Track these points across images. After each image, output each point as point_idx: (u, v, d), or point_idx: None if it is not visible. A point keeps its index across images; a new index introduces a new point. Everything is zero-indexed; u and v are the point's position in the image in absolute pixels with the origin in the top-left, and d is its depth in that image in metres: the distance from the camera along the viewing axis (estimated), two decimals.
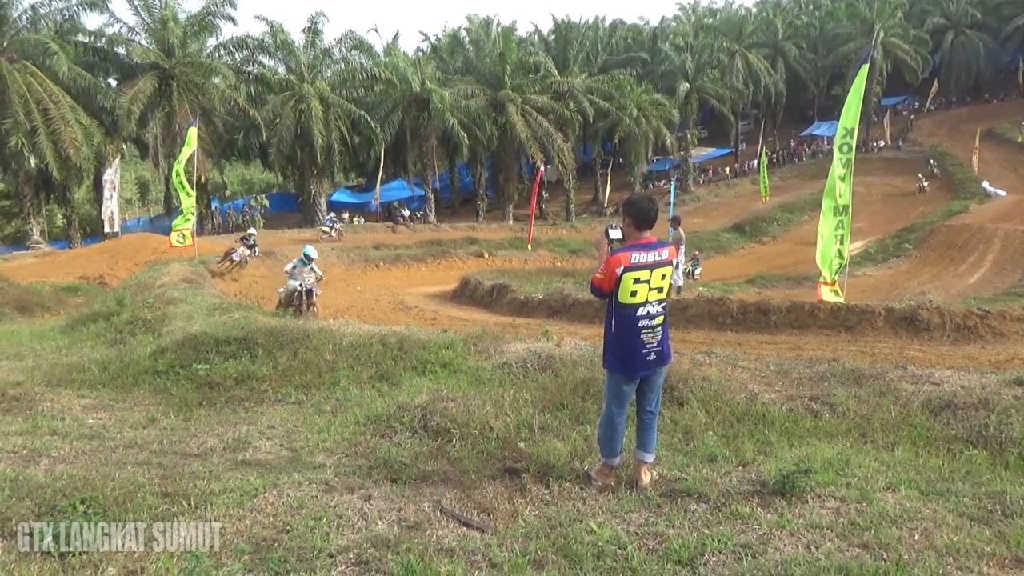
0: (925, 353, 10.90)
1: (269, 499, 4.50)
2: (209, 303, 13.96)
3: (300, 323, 9.99)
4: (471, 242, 35.06)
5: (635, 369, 4.60)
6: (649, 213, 4.57)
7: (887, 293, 19.95)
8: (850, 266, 17.54)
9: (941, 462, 5.06)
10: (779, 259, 32.33)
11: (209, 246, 27.36)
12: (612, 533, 4.00)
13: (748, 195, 50.27)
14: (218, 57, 37.97)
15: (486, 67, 45.08)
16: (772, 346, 11.95)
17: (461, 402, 6.15)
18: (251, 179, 65.09)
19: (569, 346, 8.56)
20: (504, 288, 19.56)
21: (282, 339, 8.94)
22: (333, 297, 21.77)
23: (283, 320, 10.45)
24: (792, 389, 6.66)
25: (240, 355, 8.64)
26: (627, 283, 4.46)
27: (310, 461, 5.39)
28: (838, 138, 13.69)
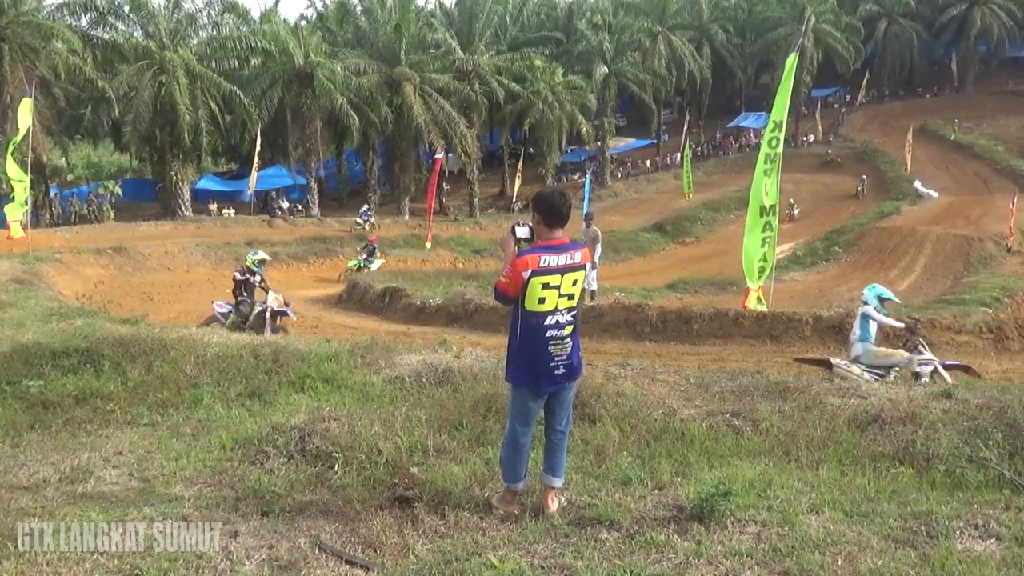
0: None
1: (114, 538, 4.33)
2: (45, 308, 13.34)
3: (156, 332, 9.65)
4: (361, 239, 34.66)
5: (542, 384, 4.65)
6: (561, 209, 4.61)
7: (815, 300, 20.84)
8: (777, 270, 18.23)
9: (867, 481, 5.31)
10: (703, 262, 33.27)
11: (46, 240, 26.13)
12: (515, 567, 4.02)
13: (670, 191, 51.56)
14: (60, 18, 36.33)
15: (380, 40, 44.73)
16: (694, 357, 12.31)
17: (345, 422, 6.08)
18: (100, 162, 62.50)
19: (470, 358, 8.58)
20: (398, 292, 19.46)
21: (133, 350, 8.63)
22: (197, 301, 21.14)
23: (134, 327, 10.08)
24: (713, 404, 6.87)
25: (82, 369, 8.29)
26: (534, 288, 4.50)
27: (165, 493, 5.21)
28: (767, 132, 14.20)
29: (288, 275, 28.77)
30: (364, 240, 31.03)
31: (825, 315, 13.52)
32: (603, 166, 55.37)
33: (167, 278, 25.24)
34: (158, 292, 22.50)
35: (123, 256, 25.62)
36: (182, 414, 7.20)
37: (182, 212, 38.56)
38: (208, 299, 21.79)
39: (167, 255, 27.66)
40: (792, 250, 33.72)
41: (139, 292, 22.26)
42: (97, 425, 7.02)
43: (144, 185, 47.94)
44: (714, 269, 29.29)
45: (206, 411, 7.24)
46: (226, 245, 30.62)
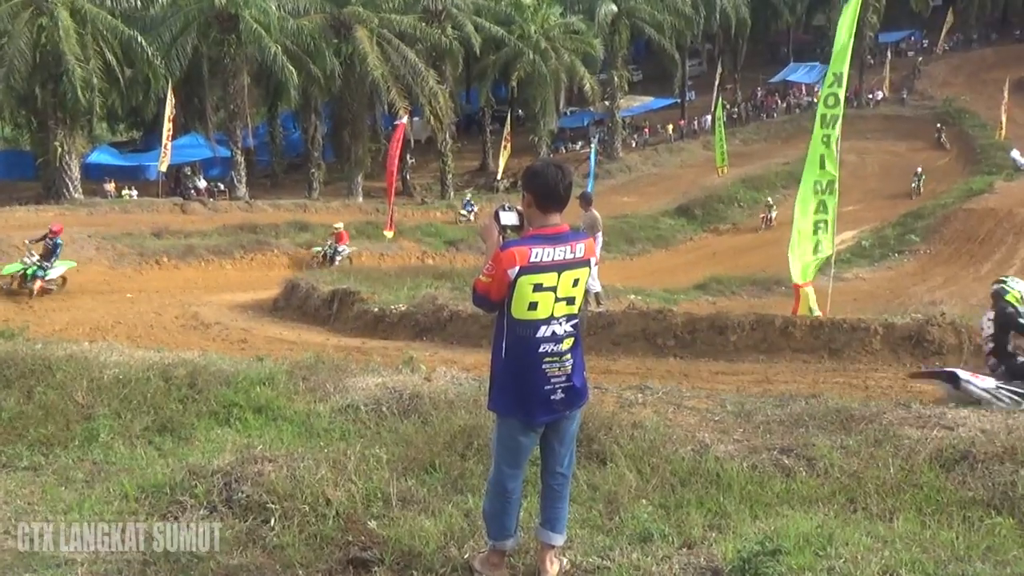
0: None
1: None
2: None
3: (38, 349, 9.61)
4: (301, 228, 34.64)
5: (534, 412, 4.63)
6: (558, 188, 4.59)
7: (886, 303, 20.90)
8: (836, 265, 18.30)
9: (955, 535, 5.32)
10: (741, 255, 33.34)
11: None
12: None
13: (699, 165, 51.70)
14: None
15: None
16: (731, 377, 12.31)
17: (284, 464, 6.05)
18: None
19: (443, 380, 8.57)
20: (349, 296, 19.43)
21: (8, 372, 8.58)
22: (91, 309, 21.07)
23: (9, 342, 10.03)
24: (757, 438, 6.87)
25: None
26: (524, 290, 4.49)
27: (52, 556, 5.18)
28: (824, 87, 14.26)
29: (207, 274, 28.71)
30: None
31: (899, 323, 13.51)
32: (613, 132, 55.52)
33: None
34: (39, 297, 22.36)
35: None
36: (72, 454, 7.14)
37: (70, 194, 38.30)
38: (104, 304, 21.81)
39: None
40: (856, 239, 33.87)
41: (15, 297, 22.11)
42: None
43: (20, 159, 47.73)
44: (755, 264, 29.36)
45: (103, 450, 7.18)
46: (127, 236, 30.50)
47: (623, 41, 54.46)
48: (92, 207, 36.36)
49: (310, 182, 46.49)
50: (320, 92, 44.81)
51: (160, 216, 35.42)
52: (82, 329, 17.75)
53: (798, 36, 70.68)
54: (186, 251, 30.07)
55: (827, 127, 13.83)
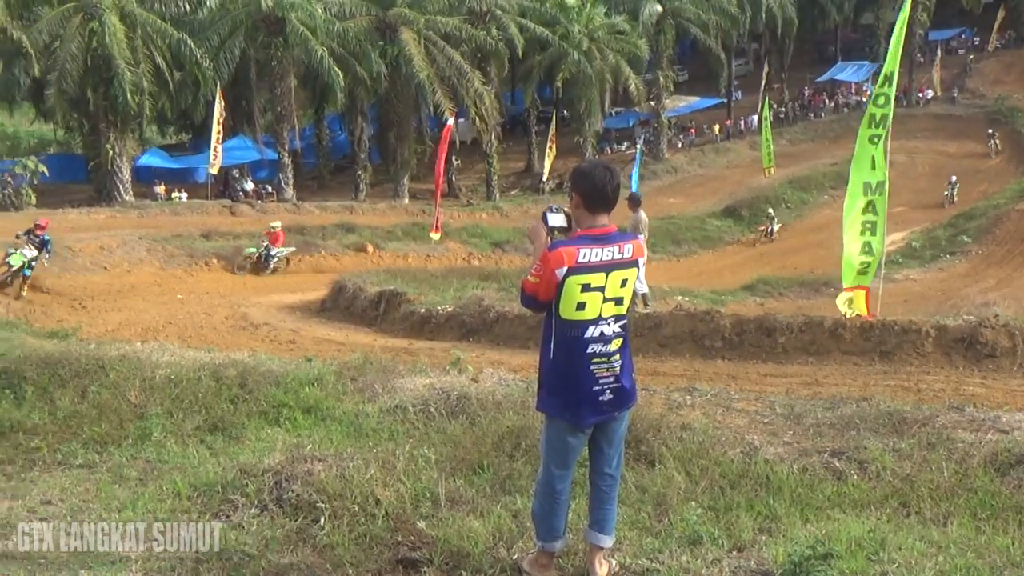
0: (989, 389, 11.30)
1: None
2: None
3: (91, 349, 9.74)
4: (348, 229, 34.81)
5: (583, 414, 4.63)
6: (606, 189, 4.60)
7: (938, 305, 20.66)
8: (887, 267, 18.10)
9: (1010, 540, 5.24)
10: (789, 256, 33.12)
11: None
12: None
13: (745, 165, 51.39)
14: None
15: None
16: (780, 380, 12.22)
17: (333, 463, 6.09)
18: (16, 133, 63.20)
19: (491, 381, 8.57)
20: (396, 297, 19.49)
21: (63, 372, 8.70)
22: (142, 310, 21.31)
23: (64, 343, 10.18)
24: (807, 441, 6.82)
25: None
26: (572, 291, 4.50)
27: (106, 553, 5.24)
28: (876, 86, 14.15)
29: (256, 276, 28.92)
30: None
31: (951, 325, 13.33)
32: (658, 133, 55.35)
33: (103, 280, 25.42)
34: (92, 298, 22.67)
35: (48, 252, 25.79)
36: (126, 453, 7.24)
37: (121, 196, 38.82)
38: (155, 305, 22.05)
39: (103, 251, 27.79)
40: (906, 240, 33.52)
41: (69, 298, 22.41)
42: (19, 467, 7.07)
43: (73, 162, 48.36)
44: (804, 265, 29.18)
45: (156, 449, 7.26)
46: (177, 238, 30.82)
47: (668, 41, 54.24)
48: (143, 209, 36.80)
49: (356, 184, 46.68)
50: (366, 94, 45.05)
51: (209, 218, 35.74)
52: (134, 329, 17.96)
53: (846, 35, 69.99)
54: (235, 252, 30.31)
55: (876, 127, 13.69)
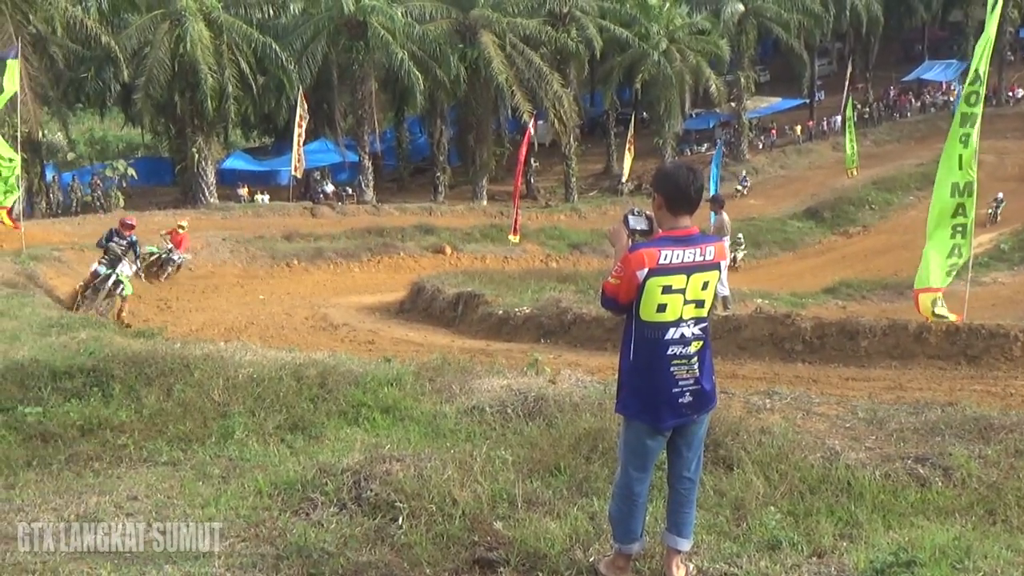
0: None
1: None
2: (43, 317, 13.85)
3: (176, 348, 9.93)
4: (427, 231, 35.04)
5: (662, 416, 4.61)
6: (688, 190, 4.59)
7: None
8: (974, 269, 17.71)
9: None
10: (872, 259, 32.61)
11: (42, 233, 27.14)
12: None
13: (828, 166, 50.65)
14: None
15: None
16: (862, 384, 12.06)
17: (411, 463, 6.14)
18: (106, 137, 64.65)
19: (568, 383, 8.56)
20: (474, 299, 19.57)
21: (149, 371, 8.88)
22: (225, 310, 21.68)
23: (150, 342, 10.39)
24: (890, 446, 6.72)
25: (88, 393, 8.55)
26: (652, 292, 4.48)
27: (190, 548, 5.34)
28: (966, 85, 13.88)
29: (336, 276, 29.28)
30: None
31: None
32: (739, 134, 54.83)
33: (188, 280, 25.92)
34: (177, 298, 23.15)
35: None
36: (209, 451, 7.36)
37: (205, 198, 39.62)
38: (237, 305, 22.41)
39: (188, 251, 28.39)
40: (994, 242, 32.80)
41: (155, 298, 22.90)
42: (107, 463, 7.22)
43: (159, 165, 49.46)
44: (888, 268, 28.71)
45: (238, 447, 7.37)
46: (259, 239, 31.32)
47: (750, 41, 53.72)
48: (226, 211, 37.42)
49: (435, 186, 46.98)
50: (446, 97, 45.31)
51: (290, 220, 36.20)
52: (217, 329, 18.27)
53: (933, 33, 68.61)
54: (315, 254, 30.70)
55: (966, 126, 13.42)
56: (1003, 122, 49.73)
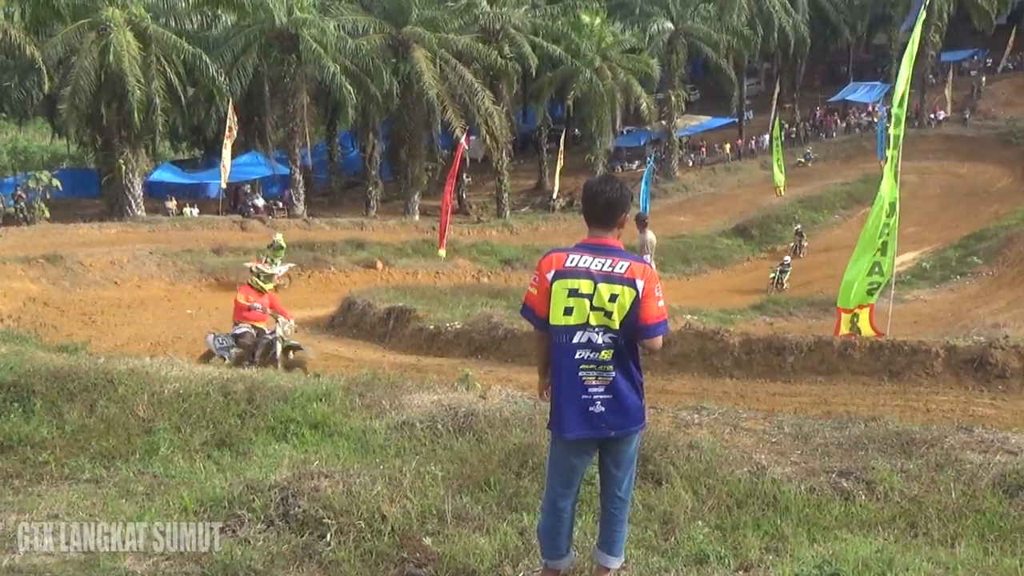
0: (999, 410, 11.30)
1: None
2: None
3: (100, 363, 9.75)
4: (358, 246, 34.87)
5: (572, 424, 4.57)
6: (595, 201, 4.65)
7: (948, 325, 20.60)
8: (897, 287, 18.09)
9: (1018, 562, 5.23)
10: (798, 275, 33.04)
11: None
12: None
13: (756, 184, 51.42)
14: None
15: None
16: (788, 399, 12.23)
17: (340, 479, 6.10)
18: (28, 148, 63.56)
19: (499, 398, 8.56)
20: (406, 313, 19.53)
21: (72, 386, 8.71)
22: (152, 324, 21.38)
23: (73, 357, 10.19)
24: (815, 461, 6.82)
25: (7, 410, 8.37)
26: (559, 295, 4.53)
27: (112, 567, 5.26)
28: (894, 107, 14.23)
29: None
30: None
31: (961, 345, 13.33)
32: (669, 152, 55.43)
33: (113, 294, 25.54)
34: (102, 312, 22.76)
35: (59, 267, 25.89)
36: (133, 467, 7.25)
37: (132, 211, 39.01)
38: (164, 320, 22.11)
39: (113, 265, 27.92)
40: (917, 261, 33.45)
41: (79, 312, 22.54)
42: (27, 480, 7.08)
43: (85, 176, 48.64)
44: (814, 286, 29.13)
45: (163, 464, 7.27)
46: (187, 253, 30.92)
47: (680, 60, 54.37)
48: (154, 224, 36.95)
49: (367, 200, 46.79)
50: (378, 111, 45.18)
51: (220, 233, 35.82)
52: (143, 344, 18.02)
53: (858, 55, 70.06)
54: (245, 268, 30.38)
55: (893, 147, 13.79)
56: (925, 143, 50.95)
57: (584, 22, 49.95)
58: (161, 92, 37.76)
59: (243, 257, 30.84)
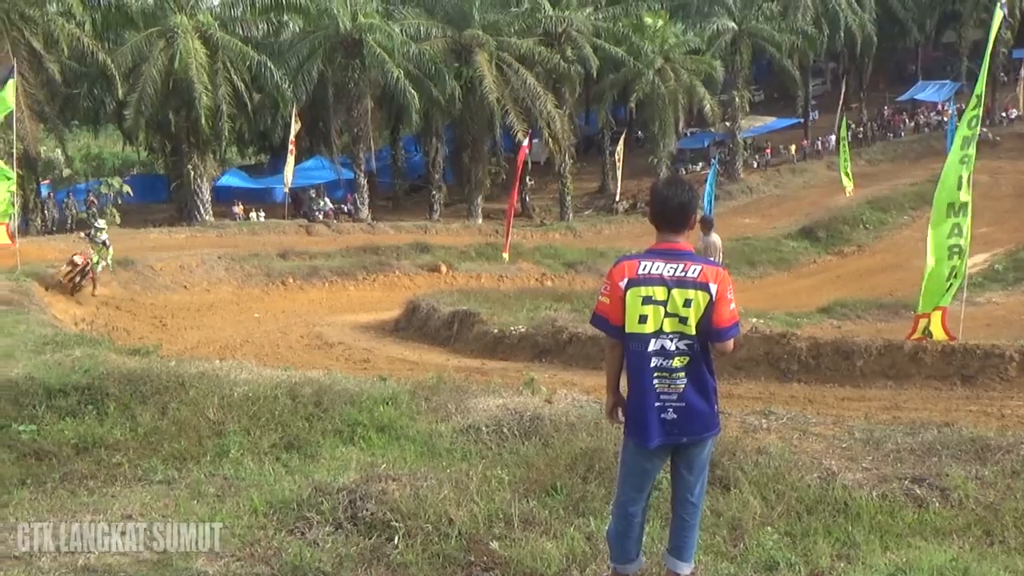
0: None
1: None
2: (38, 334, 13.82)
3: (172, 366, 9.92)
4: (422, 249, 35.00)
5: (649, 434, 4.57)
6: (667, 205, 4.63)
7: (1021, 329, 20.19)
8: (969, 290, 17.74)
9: None
10: (868, 278, 32.62)
11: (36, 250, 27.10)
12: None
13: (823, 185, 50.80)
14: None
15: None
16: (858, 404, 12.05)
17: (407, 482, 6.14)
18: (101, 154, 64.78)
19: (564, 402, 8.56)
20: (470, 317, 19.55)
21: (145, 388, 8.86)
22: (220, 328, 21.64)
23: (145, 360, 10.37)
24: (887, 467, 6.72)
25: (82, 411, 8.54)
26: (633, 303, 4.52)
27: (185, 568, 5.34)
28: (968, 108, 13.98)
29: (331, 294, 29.24)
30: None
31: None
32: (733, 153, 54.95)
33: (183, 298, 25.93)
34: (172, 316, 23.12)
35: (130, 271, 26.33)
36: (204, 469, 7.35)
37: (201, 216, 39.61)
38: (232, 323, 22.40)
39: (183, 270, 28.39)
40: (989, 263, 32.81)
41: (150, 316, 22.90)
42: (101, 481, 7.21)
43: (155, 182, 49.53)
44: (883, 287, 28.71)
45: (233, 466, 7.37)
46: (254, 257, 31.27)
47: (744, 61, 53.90)
48: (221, 229, 37.47)
49: (431, 204, 47.02)
50: (441, 115, 45.41)
51: (286, 237, 36.23)
52: (212, 347, 18.24)
53: (927, 53, 68.90)
54: (310, 272, 30.67)
55: (967, 147, 13.49)
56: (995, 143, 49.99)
57: (646, 23, 49.73)
58: (228, 98, 38.29)
59: (309, 261, 31.26)
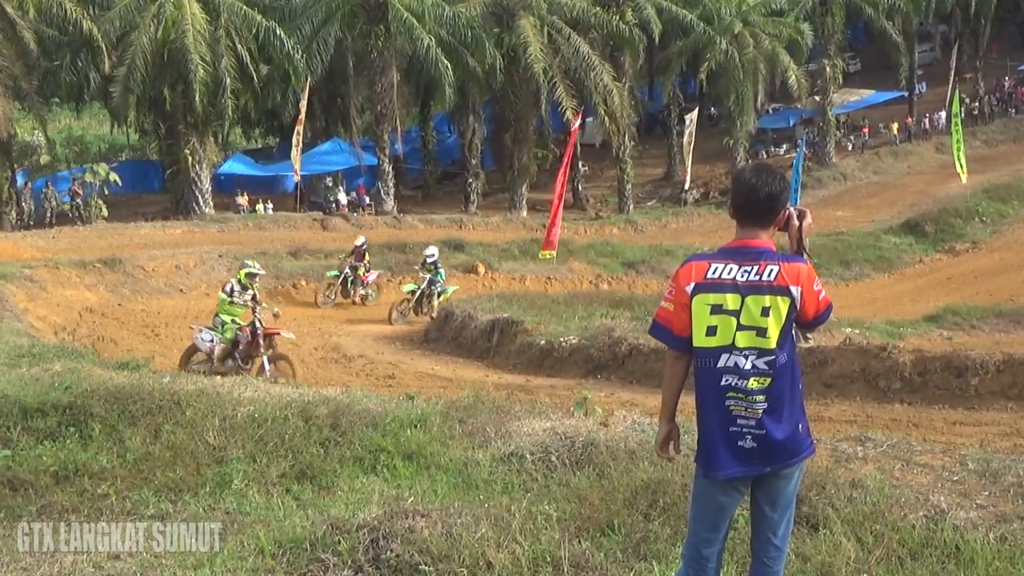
0: None
1: None
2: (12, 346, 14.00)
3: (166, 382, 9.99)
4: (456, 247, 35.04)
5: (720, 462, 4.52)
6: (752, 195, 4.56)
7: None
8: None
9: None
10: (985, 281, 32.28)
11: (11, 248, 27.43)
12: None
13: (931, 171, 50.38)
14: None
15: None
16: (972, 429, 11.96)
17: (438, 519, 6.15)
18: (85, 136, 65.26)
19: (623, 425, 8.54)
20: (512, 326, 19.57)
21: (134, 408, 8.93)
22: None
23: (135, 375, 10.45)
24: (1006, 504, 6.65)
25: (64, 434, 8.62)
26: (700, 312, 4.48)
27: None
28: None
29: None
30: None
31: None
32: (824, 133, 54.58)
33: (179, 304, 26.08)
34: (166, 324, 23.24)
35: (118, 272, 26.54)
36: (203, 502, 7.40)
37: (199, 208, 39.82)
38: None
39: (178, 270, 28.55)
40: None
41: (140, 324, 23.03)
42: (85, 515, 7.26)
43: (147, 169, 49.93)
44: (1002, 292, 28.41)
45: (237, 498, 7.41)
46: (261, 256, 31.33)
47: (837, 24, 53.51)
48: (223, 223, 37.65)
49: (467, 194, 47.03)
50: (479, 90, 45.34)
51: (298, 233, 36.33)
52: None
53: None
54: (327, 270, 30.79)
55: None
56: None
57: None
58: (231, 71, 38.25)
59: (324, 261, 31.32)
